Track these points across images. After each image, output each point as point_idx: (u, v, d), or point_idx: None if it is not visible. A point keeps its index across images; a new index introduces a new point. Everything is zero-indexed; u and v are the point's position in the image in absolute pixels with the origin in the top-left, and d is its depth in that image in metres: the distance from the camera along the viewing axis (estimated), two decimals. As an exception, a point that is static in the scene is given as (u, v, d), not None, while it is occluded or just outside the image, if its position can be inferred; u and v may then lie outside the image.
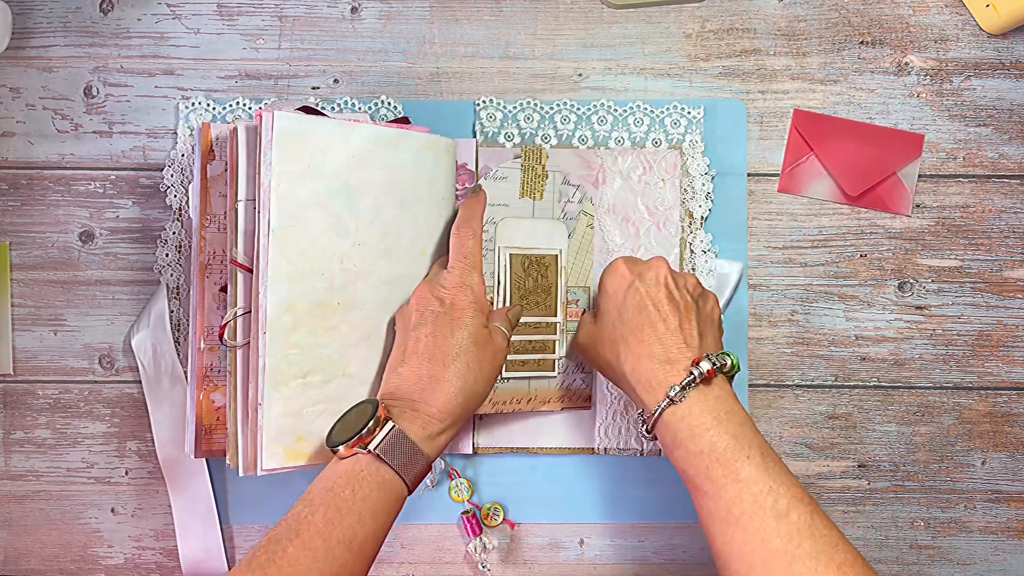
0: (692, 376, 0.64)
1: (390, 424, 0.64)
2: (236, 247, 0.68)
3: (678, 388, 0.64)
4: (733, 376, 0.67)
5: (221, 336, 0.69)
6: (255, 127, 0.68)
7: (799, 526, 0.59)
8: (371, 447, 0.63)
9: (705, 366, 0.64)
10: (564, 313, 0.76)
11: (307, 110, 0.73)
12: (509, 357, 0.74)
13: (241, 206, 0.68)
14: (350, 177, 0.69)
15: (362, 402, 0.68)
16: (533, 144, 0.77)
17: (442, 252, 0.75)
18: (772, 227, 0.79)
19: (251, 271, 0.68)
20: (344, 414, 0.67)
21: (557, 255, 0.76)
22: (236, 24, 0.79)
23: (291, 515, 0.61)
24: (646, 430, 0.67)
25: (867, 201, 0.78)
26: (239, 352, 0.69)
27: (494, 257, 0.75)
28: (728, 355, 0.66)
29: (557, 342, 0.76)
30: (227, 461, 0.70)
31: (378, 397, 0.69)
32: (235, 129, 0.68)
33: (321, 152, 0.68)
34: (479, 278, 0.71)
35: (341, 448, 0.64)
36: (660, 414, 0.64)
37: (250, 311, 0.68)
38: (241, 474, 0.68)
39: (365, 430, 0.63)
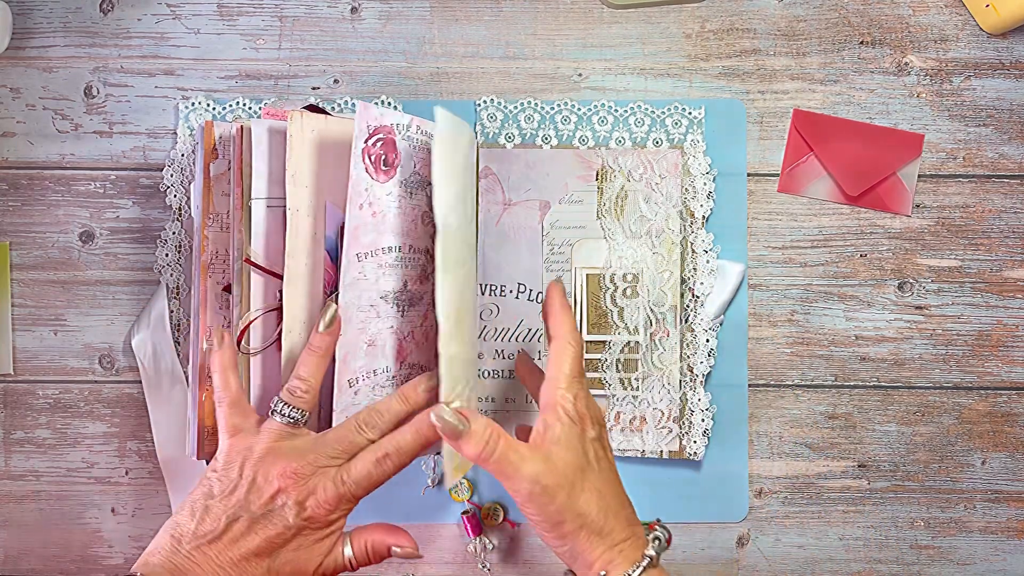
0: (648, 560, 0.58)
1: None
2: (250, 246, 0.68)
3: (638, 570, 0.57)
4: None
5: (239, 342, 0.68)
6: (280, 130, 0.67)
7: None
8: None
9: (652, 551, 0.59)
10: (648, 332, 0.77)
11: (313, 109, 0.73)
12: (595, 375, 0.76)
13: (259, 204, 0.68)
14: (467, 179, 0.69)
15: None
16: (609, 167, 0.77)
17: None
18: (772, 227, 0.79)
19: (270, 272, 0.68)
20: None
21: (638, 274, 0.76)
22: (236, 24, 0.79)
23: None
24: None
25: (867, 201, 0.78)
26: (256, 355, 0.68)
27: (571, 278, 0.76)
28: (660, 527, 0.61)
29: (640, 361, 0.77)
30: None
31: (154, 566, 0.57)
32: (242, 128, 0.68)
33: (464, 154, 0.68)
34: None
35: None
36: None
37: (272, 310, 0.68)
38: None
39: None
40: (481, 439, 0.58)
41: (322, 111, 0.74)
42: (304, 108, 0.73)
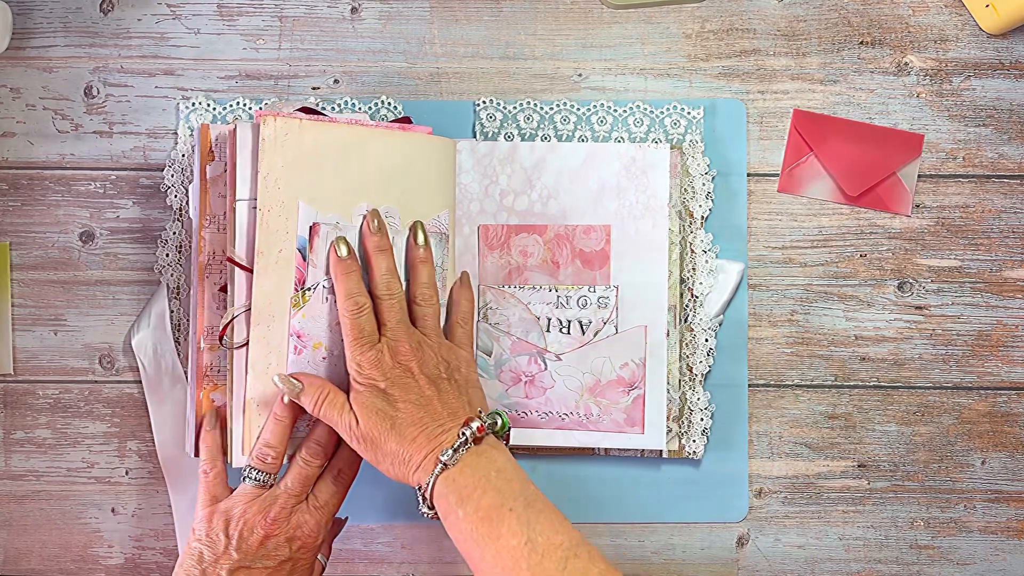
0: (464, 438, 0.63)
1: None
2: (233, 247, 0.68)
3: (451, 451, 0.63)
4: (506, 436, 0.67)
5: (221, 338, 0.69)
6: (257, 125, 0.68)
7: (552, 572, 0.58)
8: None
9: (475, 424, 0.64)
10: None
11: (307, 110, 0.73)
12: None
13: (242, 206, 0.68)
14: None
15: None
16: None
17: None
18: (772, 227, 0.79)
19: (249, 270, 0.68)
20: None
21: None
22: (236, 24, 0.79)
23: None
24: (427, 506, 0.64)
25: (867, 201, 0.78)
26: (239, 349, 0.69)
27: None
28: (498, 414, 0.66)
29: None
30: (228, 460, 0.70)
31: None
32: (234, 129, 0.69)
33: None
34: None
35: None
36: (434, 482, 0.63)
37: (249, 308, 0.68)
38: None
39: None
40: (313, 395, 0.67)
41: (319, 113, 0.74)
42: (298, 110, 0.73)
